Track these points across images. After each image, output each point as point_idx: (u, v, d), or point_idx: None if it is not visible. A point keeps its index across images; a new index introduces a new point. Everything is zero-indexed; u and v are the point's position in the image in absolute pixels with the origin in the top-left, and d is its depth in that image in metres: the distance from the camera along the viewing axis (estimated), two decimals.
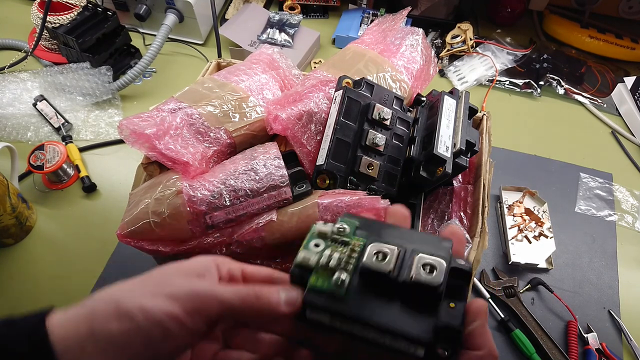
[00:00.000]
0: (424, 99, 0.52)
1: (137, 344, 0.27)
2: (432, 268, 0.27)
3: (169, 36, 0.82)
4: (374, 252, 0.29)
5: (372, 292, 0.28)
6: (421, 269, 0.27)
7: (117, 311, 0.26)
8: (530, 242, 0.62)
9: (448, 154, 0.42)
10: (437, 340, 0.27)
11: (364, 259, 0.29)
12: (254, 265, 0.34)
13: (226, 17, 0.90)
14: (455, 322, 0.27)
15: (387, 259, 0.28)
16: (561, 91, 0.82)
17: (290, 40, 0.83)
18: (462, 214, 0.48)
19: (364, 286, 0.29)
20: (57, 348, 0.26)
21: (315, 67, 0.85)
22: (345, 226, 0.31)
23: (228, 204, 0.44)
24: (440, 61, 0.87)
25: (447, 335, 0.27)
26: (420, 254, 0.28)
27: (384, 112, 0.45)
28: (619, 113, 0.81)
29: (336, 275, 0.28)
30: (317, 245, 0.30)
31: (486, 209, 0.46)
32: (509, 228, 0.63)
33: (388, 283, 0.28)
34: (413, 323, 0.27)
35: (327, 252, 0.30)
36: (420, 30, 0.56)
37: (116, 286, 0.28)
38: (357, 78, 0.48)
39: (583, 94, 0.82)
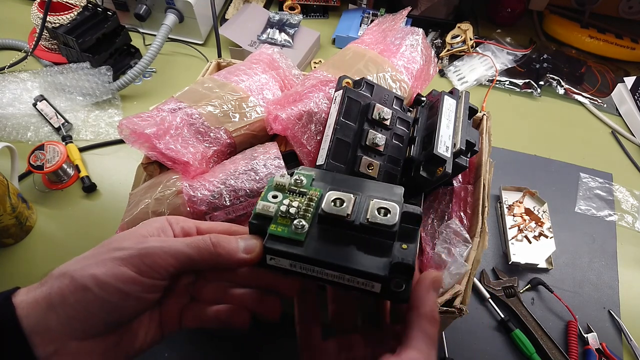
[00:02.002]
0: (424, 99, 0.52)
1: (96, 311, 0.27)
2: (387, 211, 0.29)
3: (169, 36, 0.82)
4: (332, 199, 0.30)
5: (330, 236, 0.30)
6: (376, 212, 0.29)
7: (72, 285, 0.27)
8: (530, 242, 0.62)
9: (448, 154, 0.42)
10: (391, 277, 0.28)
11: (323, 204, 0.30)
12: (209, 222, 0.34)
13: (226, 17, 0.90)
14: (408, 259, 0.28)
15: (344, 205, 0.30)
16: (561, 91, 0.82)
17: (290, 40, 0.83)
18: (462, 214, 0.48)
19: (322, 231, 0.30)
20: (23, 324, 0.26)
21: (315, 67, 0.85)
22: (302, 178, 0.32)
23: (228, 204, 0.44)
24: (440, 61, 0.87)
25: (400, 272, 0.29)
26: (375, 199, 0.30)
27: (384, 112, 0.45)
28: (619, 113, 0.81)
29: (295, 222, 0.30)
30: (275, 197, 0.32)
31: (486, 209, 0.46)
32: (509, 228, 0.63)
33: (345, 227, 0.30)
34: (370, 262, 0.28)
35: (286, 201, 0.31)
36: (420, 30, 0.56)
37: (70, 261, 0.29)
38: (357, 78, 0.48)
39: (583, 94, 0.82)
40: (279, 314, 0.33)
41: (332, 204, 0.30)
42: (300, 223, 0.30)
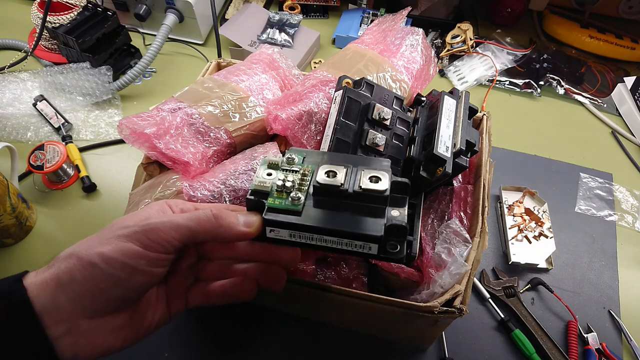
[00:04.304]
0: (424, 99, 0.52)
1: (105, 287, 0.28)
2: (378, 179, 0.31)
3: (169, 36, 0.82)
4: (325, 171, 0.32)
5: (326, 206, 0.32)
6: (368, 180, 0.31)
7: (79, 263, 0.28)
8: (530, 242, 0.62)
9: (448, 154, 0.42)
10: (387, 239, 0.31)
11: (317, 177, 0.32)
12: (207, 203, 0.36)
13: (226, 17, 0.90)
14: (401, 221, 0.30)
15: (337, 176, 0.32)
16: (561, 91, 0.82)
17: (290, 40, 0.83)
18: (462, 214, 0.48)
19: (318, 202, 0.32)
20: (35, 305, 0.27)
21: (315, 67, 0.85)
22: (294, 156, 0.34)
23: (228, 204, 0.44)
24: (440, 61, 0.87)
25: (394, 234, 0.31)
26: (366, 169, 0.32)
27: (384, 112, 0.45)
28: (619, 113, 0.81)
29: (292, 194, 0.31)
30: (269, 175, 0.33)
31: (486, 209, 0.46)
32: (509, 228, 0.63)
33: (340, 196, 0.32)
34: (365, 225, 0.30)
35: (281, 176, 0.33)
36: (420, 30, 0.56)
37: (76, 244, 0.30)
38: (357, 78, 0.48)
39: (583, 94, 0.82)
40: (283, 282, 0.34)
41: (326, 175, 0.32)
42: (297, 195, 0.31)
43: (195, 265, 0.35)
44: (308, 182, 0.32)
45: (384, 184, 0.31)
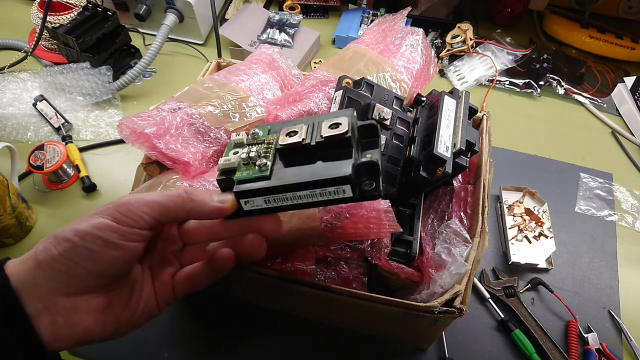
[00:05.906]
0: (424, 99, 0.52)
1: (80, 261, 0.29)
2: (337, 124, 0.31)
3: (169, 36, 0.82)
4: (286, 133, 0.32)
5: (293, 164, 0.32)
6: (328, 128, 0.31)
7: (55, 240, 0.29)
8: (530, 242, 0.62)
9: (448, 154, 0.42)
10: (359, 179, 0.30)
11: (279, 140, 0.32)
12: None
13: (226, 17, 0.90)
14: (369, 158, 0.30)
15: (298, 133, 0.32)
16: (561, 91, 0.82)
17: (290, 40, 0.83)
18: (462, 214, 0.48)
19: (287, 163, 0.32)
20: (13, 282, 0.28)
21: (315, 67, 0.85)
22: (258, 131, 0.34)
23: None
24: (440, 61, 0.87)
25: (366, 172, 0.31)
26: (326, 120, 0.32)
27: (384, 112, 0.45)
28: (619, 113, 0.81)
29: (258, 162, 0.32)
30: (235, 153, 0.33)
31: (486, 209, 0.46)
32: (509, 228, 0.63)
33: (304, 151, 0.32)
34: (334, 169, 0.30)
35: (245, 150, 0.33)
36: (420, 30, 0.56)
37: None
38: (357, 78, 0.48)
39: (583, 94, 0.82)
40: (264, 249, 0.34)
41: (287, 136, 0.32)
42: (263, 161, 0.31)
43: (181, 252, 0.35)
44: (273, 149, 0.32)
45: (343, 127, 0.31)
